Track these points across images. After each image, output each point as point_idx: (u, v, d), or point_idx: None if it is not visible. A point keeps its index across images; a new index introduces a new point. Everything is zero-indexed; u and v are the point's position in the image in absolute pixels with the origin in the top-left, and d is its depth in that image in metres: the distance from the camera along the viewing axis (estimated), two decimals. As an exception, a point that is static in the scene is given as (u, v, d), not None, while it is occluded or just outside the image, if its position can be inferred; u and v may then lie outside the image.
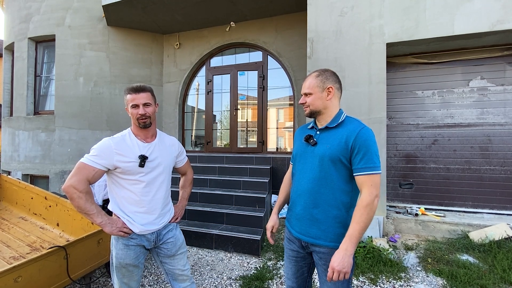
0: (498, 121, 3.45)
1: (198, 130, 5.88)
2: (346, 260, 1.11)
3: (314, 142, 1.29)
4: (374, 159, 1.17)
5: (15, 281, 1.54)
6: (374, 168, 1.16)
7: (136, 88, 1.43)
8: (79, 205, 1.30)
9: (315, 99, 1.29)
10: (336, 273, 1.11)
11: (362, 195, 1.16)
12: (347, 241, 1.13)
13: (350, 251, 1.12)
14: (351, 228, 1.14)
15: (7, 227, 2.86)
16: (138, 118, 1.43)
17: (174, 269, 1.59)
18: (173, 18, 5.01)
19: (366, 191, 1.15)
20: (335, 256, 1.13)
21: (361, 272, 2.54)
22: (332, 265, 1.12)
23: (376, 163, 1.17)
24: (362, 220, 1.13)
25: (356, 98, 3.36)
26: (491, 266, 2.52)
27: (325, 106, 1.30)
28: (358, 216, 1.14)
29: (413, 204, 3.73)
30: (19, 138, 5.35)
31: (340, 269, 1.10)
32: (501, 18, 2.95)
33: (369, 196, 1.14)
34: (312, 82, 1.30)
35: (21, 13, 5.51)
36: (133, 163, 1.41)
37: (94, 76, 5.16)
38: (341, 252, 1.12)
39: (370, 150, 1.17)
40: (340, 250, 1.13)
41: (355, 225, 1.13)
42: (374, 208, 1.15)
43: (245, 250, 3.05)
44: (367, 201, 1.14)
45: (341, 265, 1.10)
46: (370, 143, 1.18)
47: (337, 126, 1.27)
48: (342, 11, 3.44)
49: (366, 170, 1.16)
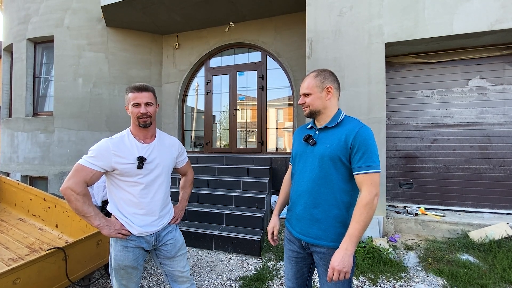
0: (498, 121, 3.45)
1: (198, 130, 5.87)
2: (347, 259, 1.10)
3: (314, 141, 1.29)
4: (373, 157, 1.17)
5: (14, 283, 1.53)
6: (373, 167, 1.16)
7: (139, 87, 1.43)
8: (77, 207, 1.29)
9: (314, 99, 1.29)
10: (336, 273, 1.10)
11: (362, 194, 1.16)
12: (347, 241, 1.13)
13: (350, 251, 1.11)
14: (351, 228, 1.14)
15: (6, 228, 2.85)
16: (138, 117, 1.41)
17: (174, 270, 1.57)
18: (172, 18, 5.01)
19: (366, 190, 1.15)
20: (335, 255, 1.12)
21: (361, 272, 2.53)
22: (332, 264, 1.11)
23: (376, 162, 1.17)
24: (362, 219, 1.12)
25: (355, 98, 3.36)
26: (491, 266, 2.51)
27: (324, 106, 1.29)
28: (358, 215, 1.14)
29: (413, 203, 3.73)
30: (18, 139, 5.33)
31: (341, 268, 1.09)
32: (500, 18, 2.95)
33: (368, 194, 1.14)
34: (311, 82, 1.30)
35: (19, 14, 5.49)
36: (131, 164, 1.39)
37: (93, 77, 5.15)
38: (341, 252, 1.12)
39: (370, 148, 1.17)
40: (340, 249, 1.13)
41: (355, 224, 1.13)
42: (374, 207, 1.14)
43: (245, 250, 3.04)
44: (366, 200, 1.13)
45: (341, 264, 1.09)
46: (369, 141, 1.18)
47: (336, 125, 1.27)
48: (341, 11, 3.44)
49: (366, 169, 1.16)
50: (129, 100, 1.42)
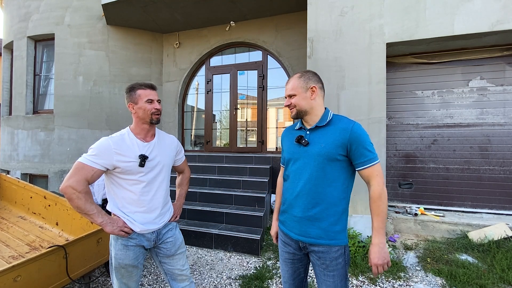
0: (498, 121, 3.45)
1: (198, 129, 5.87)
2: (383, 252, 1.18)
3: (306, 142, 1.30)
4: (371, 150, 1.23)
5: (14, 280, 1.54)
6: (374, 158, 1.22)
7: (150, 85, 1.48)
8: (79, 205, 1.28)
9: (299, 100, 1.31)
10: (380, 268, 1.18)
11: (372, 187, 1.22)
12: (377, 235, 1.19)
13: (383, 243, 1.19)
14: (374, 222, 1.20)
15: (6, 226, 2.85)
16: (153, 113, 1.45)
17: (173, 269, 1.58)
18: (173, 17, 5.00)
19: (375, 182, 1.21)
20: (372, 252, 1.19)
21: (361, 272, 2.54)
22: (373, 261, 1.18)
23: (374, 153, 1.24)
24: (381, 211, 1.20)
25: (356, 97, 3.36)
26: (490, 266, 2.52)
27: (310, 106, 1.32)
28: (376, 208, 1.20)
29: (413, 204, 3.73)
30: (18, 137, 5.33)
31: (382, 262, 1.17)
32: (501, 18, 2.95)
33: (378, 186, 1.21)
34: (295, 83, 1.33)
35: (20, 12, 5.48)
36: (133, 163, 1.40)
37: (93, 75, 5.15)
38: (376, 247, 1.19)
39: (366, 142, 1.23)
40: (374, 245, 1.19)
41: (377, 218, 1.20)
42: (386, 194, 1.22)
43: (245, 249, 3.05)
44: (379, 192, 1.20)
45: (381, 259, 1.17)
46: (364, 137, 1.24)
47: (326, 124, 1.30)
48: (342, 11, 3.44)
49: (368, 163, 1.22)
50: (140, 96, 1.43)
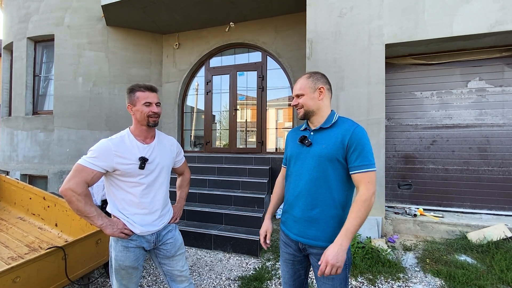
0: (497, 122, 3.46)
1: (197, 130, 5.87)
2: (341, 254, 1.10)
3: (309, 142, 1.30)
4: (369, 156, 1.20)
5: (14, 281, 1.54)
6: (369, 165, 1.19)
7: (150, 87, 1.45)
8: (79, 208, 1.28)
9: (307, 100, 1.31)
10: (329, 267, 1.10)
11: (360, 191, 1.18)
12: (343, 236, 1.13)
13: (345, 246, 1.12)
14: (347, 223, 1.15)
15: (6, 227, 2.85)
16: (150, 116, 1.43)
17: (173, 270, 1.58)
18: (173, 18, 5.01)
19: (364, 188, 1.17)
20: (330, 250, 1.12)
21: (360, 273, 2.54)
22: (326, 258, 1.11)
23: (371, 161, 1.20)
24: (359, 216, 1.14)
25: (355, 98, 3.37)
26: (489, 267, 2.52)
27: (317, 106, 1.31)
28: (355, 211, 1.15)
29: (412, 204, 3.74)
30: (18, 138, 5.33)
31: (334, 263, 1.09)
32: (499, 19, 2.96)
33: (367, 192, 1.16)
34: (303, 83, 1.33)
35: (20, 13, 5.49)
36: (133, 165, 1.39)
37: (93, 76, 5.15)
38: (336, 247, 1.12)
39: (365, 148, 1.20)
40: (335, 244, 1.13)
41: (352, 220, 1.14)
42: (371, 204, 1.16)
43: (244, 250, 3.05)
44: (365, 196, 1.15)
45: (335, 259, 1.09)
46: (365, 141, 1.21)
47: (331, 126, 1.29)
48: (341, 12, 3.45)
49: (363, 168, 1.18)
50: (138, 99, 1.42)
